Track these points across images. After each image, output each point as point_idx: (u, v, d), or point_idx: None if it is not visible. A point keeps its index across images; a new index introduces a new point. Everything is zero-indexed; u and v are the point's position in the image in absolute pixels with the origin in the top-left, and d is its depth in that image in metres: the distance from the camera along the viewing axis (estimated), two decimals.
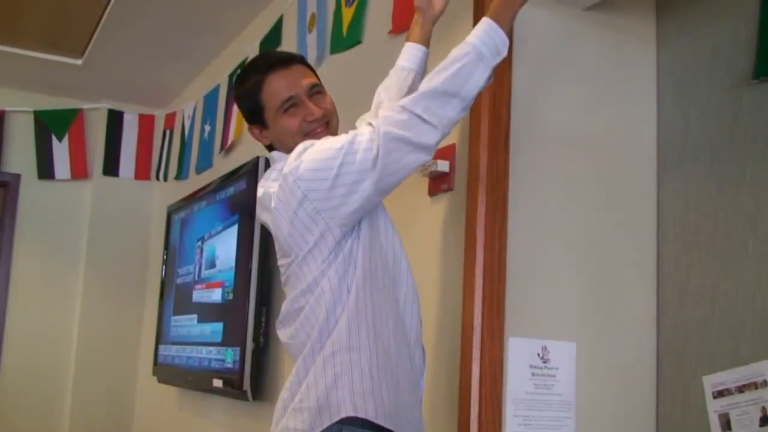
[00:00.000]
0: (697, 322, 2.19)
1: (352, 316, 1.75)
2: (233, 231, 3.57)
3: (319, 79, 1.97)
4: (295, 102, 1.89)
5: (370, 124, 1.73)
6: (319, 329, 1.76)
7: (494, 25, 1.72)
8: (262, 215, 1.92)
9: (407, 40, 2.16)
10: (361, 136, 1.71)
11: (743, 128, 2.13)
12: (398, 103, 1.73)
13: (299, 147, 1.80)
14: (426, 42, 2.14)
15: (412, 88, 2.03)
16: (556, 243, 2.22)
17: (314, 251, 1.76)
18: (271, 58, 2.01)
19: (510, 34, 1.76)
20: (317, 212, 1.73)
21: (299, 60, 1.98)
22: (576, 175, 2.28)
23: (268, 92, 1.90)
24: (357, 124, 2.14)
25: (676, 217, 2.30)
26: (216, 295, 3.69)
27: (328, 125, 1.92)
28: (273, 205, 1.80)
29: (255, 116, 1.96)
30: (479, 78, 1.70)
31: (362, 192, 1.71)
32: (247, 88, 1.95)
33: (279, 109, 1.89)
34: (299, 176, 1.73)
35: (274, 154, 1.96)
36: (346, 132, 1.80)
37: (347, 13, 2.99)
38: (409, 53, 2.13)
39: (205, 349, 3.76)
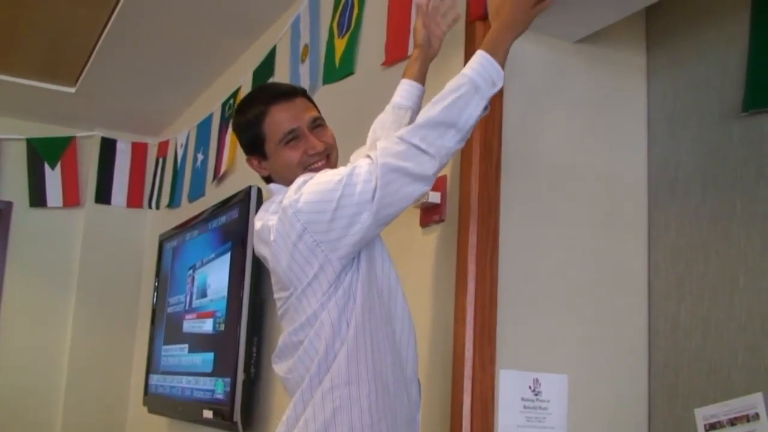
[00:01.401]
0: (689, 355, 2.19)
1: (351, 350, 1.74)
2: (225, 260, 3.56)
3: (320, 113, 1.97)
4: (296, 135, 1.88)
5: (368, 156, 1.73)
6: (318, 363, 1.75)
7: (489, 57, 1.73)
8: (259, 248, 1.91)
9: (404, 76, 2.16)
10: (360, 168, 1.71)
11: (734, 161, 2.14)
12: (396, 134, 1.72)
13: (299, 180, 1.80)
14: (422, 80, 2.14)
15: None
16: (548, 275, 2.22)
17: (314, 284, 1.75)
18: (274, 89, 1.99)
19: (503, 66, 1.77)
20: (317, 245, 1.73)
21: (302, 93, 1.97)
22: (567, 206, 2.28)
23: (271, 124, 1.89)
24: (352, 158, 2.14)
25: (667, 249, 2.31)
26: (207, 326, 3.67)
27: (328, 159, 1.92)
28: (272, 238, 1.79)
29: (255, 147, 1.94)
30: (475, 109, 1.70)
31: (362, 224, 1.70)
32: (248, 118, 1.93)
33: (281, 142, 1.88)
34: (299, 209, 1.72)
35: (272, 186, 1.95)
36: (342, 164, 1.80)
37: (340, 44, 3.01)
38: (407, 90, 2.13)
39: (195, 379, 3.73)
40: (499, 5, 1.81)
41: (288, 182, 1.85)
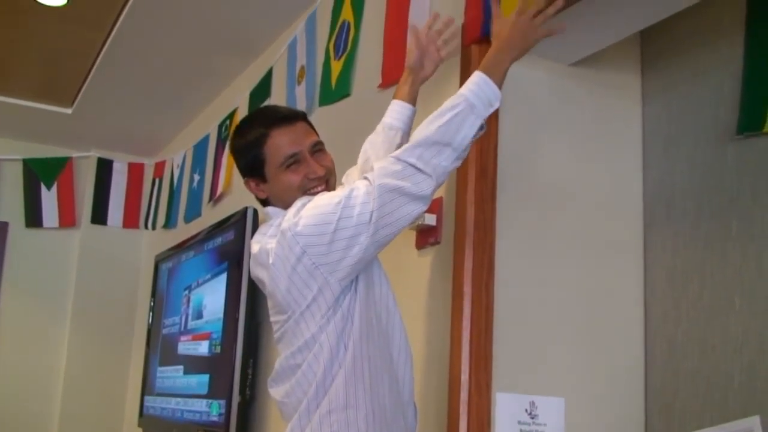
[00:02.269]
0: (686, 377, 2.18)
1: (349, 373, 1.73)
2: (221, 281, 3.55)
3: (319, 137, 1.97)
4: (297, 159, 1.88)
5: (366, 177, 1.73)
6: (316, 386, 1.74)
7: (486, 77, 1.75)
8: (257, 271, 1.90)
9: (395, 97, 2.17)
10: (358, 190, 1.71)
11: (729, 183, 2.14)
12: (392, 154, 1.73)
13: (297, 203, 1.79)
14: (413, 101, 2.15)
15: (399, 147, 2.04)
16: (544, 297, 2.22)
17: (312, 307, 1.74)
18: (275, 113, 1.99)
19: (500, 87, 1.78)
20: (316, 267, 1.72)
21: (302, 117, 1.97)
22: (563, 229, 2.28)
23: (272, 147, 1.88)
24: (343, 180, 2.14)
25: (663, 270, 2.31)
26: (203, 348, 3.65)
27: (327, 183, 1.91)
28: (271, 261, 1.78)
29: (254, 170, 1.92)
30: (471, 128, 1.72)
31: (361, 245, 1.70)
32: (248, 140, 1.92)
33: (281, 165, 1.87)
34: (298, 232, 1.72)
35: (270, 209, 1.94)
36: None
37: (336, 66, 3.02)
38: (397, 111, 2.14)
39: (190, 401, 3.72)
40: (501, 26, 1.83)
41: (286, 205, 1.84)
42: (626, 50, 2.45)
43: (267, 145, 1.89)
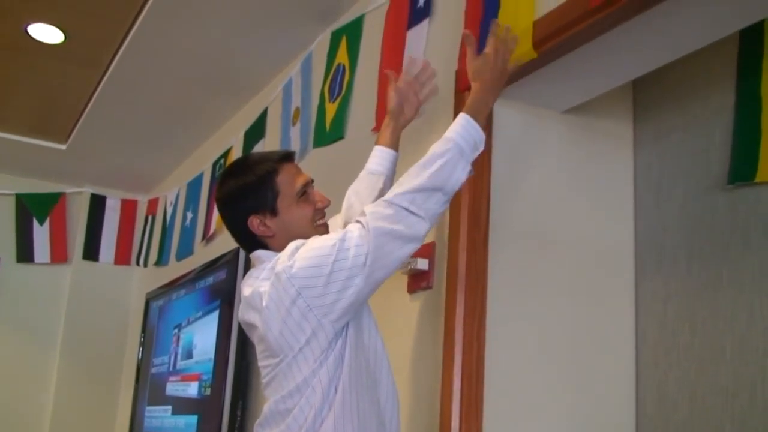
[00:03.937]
0: (676, 426, 2.17)
1: (338, 417, 1.72)
2: (211, 322, 3.53)
3: None
4: (308, 189, 1.92)
5: (358, 221, 1.75)
6: (306, 430, 1.73)
7: (471, 120, 1.79)
8: (248, 315, 1.88)
9: (377, 143, 2.17)
10: (351, 233, 1.72)
11: (720, 231, 2.15)
12: (384, 198, 1.75)
13: (291, 246, 1.79)
14: (395, 146, 2.16)
15: (382, 192, 2.04)
16: (535, 344, 2.21)
17: (305, 350, 1.74)
18: (274, 152, 2.00)
19: (486, 129, 1.81)
20: (309, 309, 1.72)
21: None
22: (554, 275, 2.28)
23: (284, 178, 1.89)
24: (329, 224, 2.14)
25: (654, 318, 2.31)
26: (192, 390, 3.62)
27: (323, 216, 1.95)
28: (264, 304, 1.77)
29: (265, 203, 1.88)
30: (461, 173, 1.76)
31: (355, 287, 1.70)
32: (259, 174, 1.89)
33: (298, 193, 1.89)
34: (293, 274, 1.72)
35: (260, 253, 1.92)
36: None
37: (331, 109, 3.03)
38: (380, 156, 2.15)
39: None
40: (480, 67, 1.87)
41: (291, 239, 1.82)
42: (619, 98, 2.47)
43: (279, 178, 1.89)
